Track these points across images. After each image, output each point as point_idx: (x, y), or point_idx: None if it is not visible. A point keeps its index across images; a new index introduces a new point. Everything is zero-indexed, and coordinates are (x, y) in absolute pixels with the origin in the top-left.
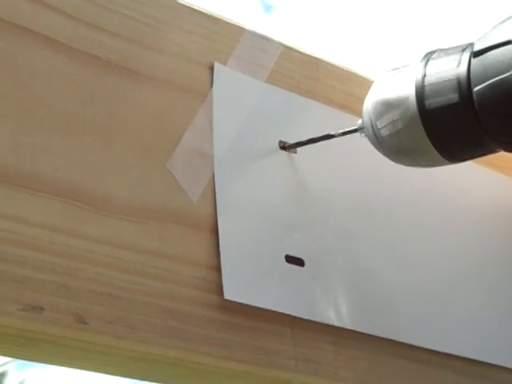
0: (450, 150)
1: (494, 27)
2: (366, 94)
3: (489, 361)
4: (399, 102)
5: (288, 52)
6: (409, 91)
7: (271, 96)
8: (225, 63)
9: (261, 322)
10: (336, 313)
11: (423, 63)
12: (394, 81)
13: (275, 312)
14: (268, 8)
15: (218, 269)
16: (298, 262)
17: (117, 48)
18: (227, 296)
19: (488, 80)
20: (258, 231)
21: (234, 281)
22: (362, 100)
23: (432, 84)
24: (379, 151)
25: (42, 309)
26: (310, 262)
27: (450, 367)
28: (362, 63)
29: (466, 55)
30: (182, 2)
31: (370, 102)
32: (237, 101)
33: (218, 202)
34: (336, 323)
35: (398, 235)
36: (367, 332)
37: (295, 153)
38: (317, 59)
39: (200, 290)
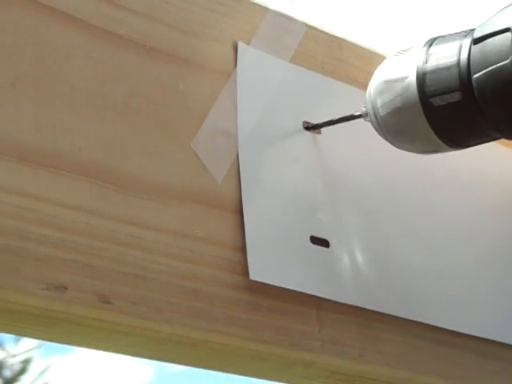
0: (451, 135)
1: (493, 14)
2: None
3: None
4: (400, 80)
5: (312, 32)
6: (410, 72)
7: (295, 76)
8: (248, 43)
9: (286, 303)
10: (361, 294)
11: (425, 48)
12: (395, 63)
13: (300, 293)
14: None
15: (243, 249)
16: (323, 242)
17: (138, 26)
18: (253, 276)
19: (487, 67)
20: (282, 212)
21: (260, 261)
22: None
23: (433, 70)
24: (380, 135)
25: (65, 288)
26: (334, 242)
27: (477, 349)
28: (384, 43)
29: (467, 42)
30: None
31: (371, 84)
32: (261, 80)
33: (242, 182)
34: (362, 304)
35: (423, 216)
36: (393, 314)
37: (319, 133)
38: (340, 39)
39: (224, 270)
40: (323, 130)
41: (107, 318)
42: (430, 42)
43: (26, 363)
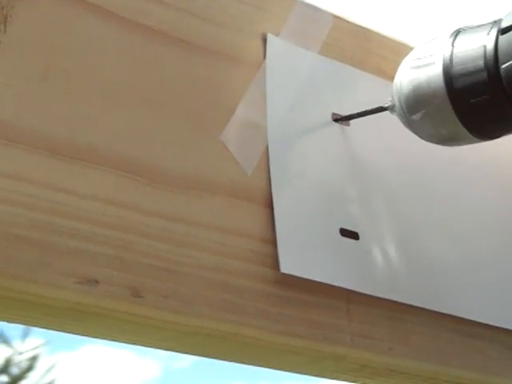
0: (480, 127)
1: None
2: None
3: None
4: (427, 82)
5: (339, 23)
6: (437, 70)
7: (324, 67)
8: (277, 34)
9: (316, 296)
10: (391, 286)
11: (451, 40)
12: (422, 52)
13: (330, 286)
14: None
15: (273, 242)
16: (353, 235)
17: (168, 18)
18: (284, 269)
19: None
20: (312, 204)
21: (290, 254)
22: None
23: (460, 63)
24: (406, 126)
25: (96, 282)
26: (364, 235)
27: (507, 342)
28: (412, 34)
29: (494, 32)
30: None
31: (398, 81)
32: (290, 72)
33: (272, 174)
34: (391, 297)
35: (451, 207)
36: (422, 306)
37: (348, 125)
38: (368, 30)
39: (254, 263)
40: (352, 121)
41: (138, 311)
42: (456, 33)
43: (33, 360)
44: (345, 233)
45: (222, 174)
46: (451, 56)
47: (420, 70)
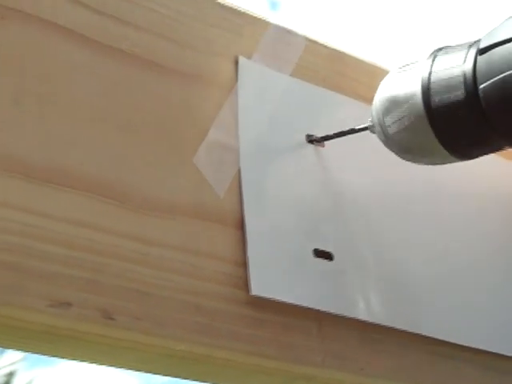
0: (458, 147)
1: (499, 24)
2: None
3: None
4: (406, 98)
5: (313, 46)
6: (415, 88)
7: (297, 90)
8: (250, 57)
9: (288, 317)
10: (364, 307)
11: (430, 60)
12: (401, 78)
13: (302, 307)
14: (274, 5)
15: (245, 264)
16: (327, 255)
17: (141, 41)
18: (254, 291)
19: (494, 77)
20: (285, 225)
21: (261, 276)
22: None
23: (438, 81)
24: (388, 148)
25: (69, 304)
26: (338, 255)
27: (479, 362)
28: (387, 57)
29: (472, 52)
30: None
31: (377, 99)
32: (262, 95)
33: (244, 196)
34: (365, 317)
35: (427, 230)
36: (395, 326)
37: (322, 146)
38: (342, 53)
39: (227, 285)
40: (326, 142)
41: (111, 333)
42: (435, 54)
43: (10, 376)
44: (318, 253)
45: (195, 196)
46: (429, 75)
47: (399, 86)
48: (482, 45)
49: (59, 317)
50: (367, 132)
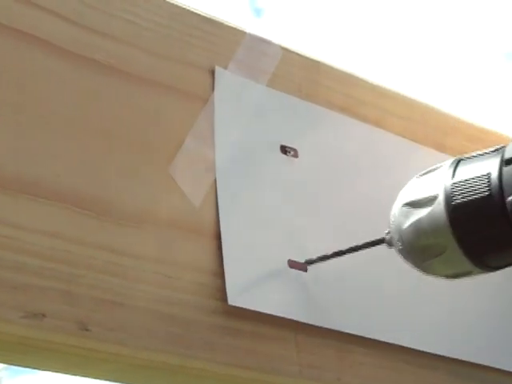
0: (484, 259)
1: None
2: (367, 96)
3: (496, 366)
4: (426, 201)
5: (288, 55)
6: (437, 192)
7: (272, 100)
8: (225, 67)
9: (264, 327)
10: (339, 318)
11: (452, 168)
12: (421, 183)
13: (278, 317)
14: (258, 12)
15: (221, 275)
16: (301, 266)
17: (117, 52)
18: (231, 302)
19: None
20: (260, 236)
21: (238, 286)
22: (362, 102)
23: (462, 192)
24: (407, 261)
25: (43, 316)
26: (313, 266)
27: (456, 372)
28: (362, 66)
29: (497, 162)
30: (182, 5)
31: (397, 206)
32: (238, 105)
33: (220, 206)
34: (340, 328)
35: None
36: (371, 337)
37: (297, 157)
38: (317, 62)
39: (202, 295)
40: (300, 152)
41: (85, 345)
42: (456, 162)
43: None
44: (293, 264)
45: (170, 206)
46: (453, 185)
47: (419, 200)
48: (508, 155)
49: (33, 328)
50: (340, 140)
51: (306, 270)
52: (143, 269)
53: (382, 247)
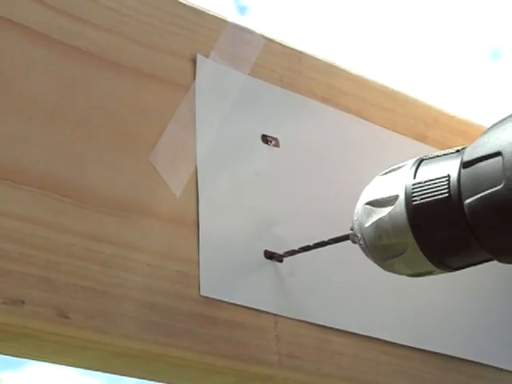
0: (442, 259)
1: (483, 135)
2: (349, 87)
3: (469, 358)
4: (388, 200)
5: (270, 45)
6: (398, 193)
7: (254, 89)
8: (207, 55)
9: (243, 317)
10: (315, 310)
11: (414, 168)
12: (383, 182)
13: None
14: (242, 10)
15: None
16: (277, 257)
17: (97, 39)
18: (204, 292)
19: (479, 193)
20: (237, 226)
21: (212, 276)
22: (344, 93)
23: (422, 193)
24: (368, 257)
25: (22, 302)
26: (289, 258)
27: (432, 363)
28: (344, 56)
29: (457, 164)
30: None
31: (360, 204)
32: (219, 93)
33: (199, 195)
34: (316, 321)
35: None
36: (349, 329)
37: (278, 146)
38: (299, 52)
39: (182, 284)
40: (282, 142)
41: (65, 332)
42: (418, 162)
43: None
44: (268, 255)
45: (151, 195)
46: (413, 185)
47: (380, 199)
48: (466, 158)
49: (11, 314)
50: (322, 130)
51: (281, 261)
52: (123, 256)
53: None
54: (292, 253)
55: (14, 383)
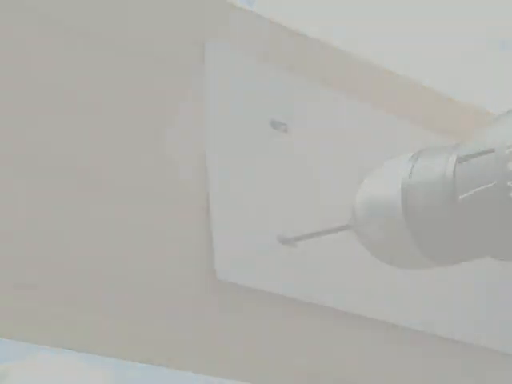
0: (436, 252)
1: (479, 131)
2: (359, 73)
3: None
4: (385, 200)
5: (281, 32)
6: (395, 190)
7: (263, 75)
8: (216, 41)
9: (251, 301)
10: (331, 293)
11: (410, 163)
12: (380, 176)
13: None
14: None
15: (206, 247)
16: (291, 241)
17: (105, 24)
18: (220, 277)
19: (472, 188)
20: (250, 210)
21: (227, 261)
22: (353, 79)
23: (418, 187)
24: (365, 247)
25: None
26: (302, 241)
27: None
28: (355, 43)
29: (453, 159)
30: None
31: (358, 199)
32: (228, 79)
33: (209, 180)
34: (333, 305)
35: None
36: (356, 313)
37: (287, 131)
38: (309, 38)
39: (191, 268)
40: (291, 128)
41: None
42: (415, 157)
43: None
44: (283, 239)
45: (160, 177)
46: (409, 179)
47: (378, 194)
48: (462, 153)
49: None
50: (330, 116)
51: (295, 246)
52: (130, 239)
53: None
54: (305, 237)
55: (21, 373)
